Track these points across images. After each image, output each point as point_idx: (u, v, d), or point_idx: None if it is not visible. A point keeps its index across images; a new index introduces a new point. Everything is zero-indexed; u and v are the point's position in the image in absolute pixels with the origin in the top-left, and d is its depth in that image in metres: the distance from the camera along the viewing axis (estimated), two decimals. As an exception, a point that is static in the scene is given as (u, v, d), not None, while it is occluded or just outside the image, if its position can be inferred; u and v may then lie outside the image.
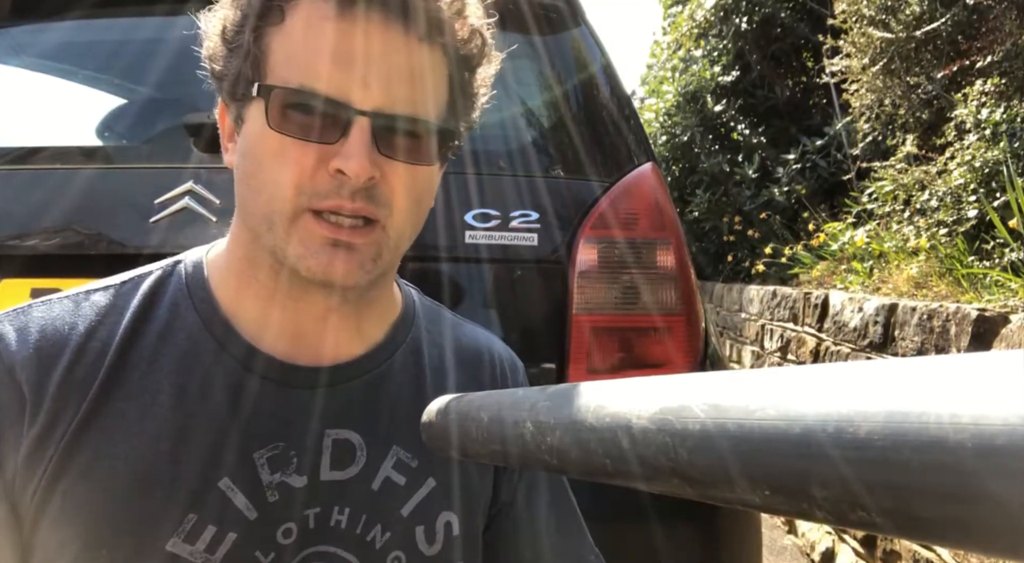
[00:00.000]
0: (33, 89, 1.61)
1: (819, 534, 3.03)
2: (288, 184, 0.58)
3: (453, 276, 1.28)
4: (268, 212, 0.60)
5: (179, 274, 0.68)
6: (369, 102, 0.58)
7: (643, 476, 0.36)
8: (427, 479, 0.69)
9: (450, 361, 0.76)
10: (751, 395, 0.30)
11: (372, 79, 0.57)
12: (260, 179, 0.60)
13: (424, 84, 0.61)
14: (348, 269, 0.60)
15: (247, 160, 0.62)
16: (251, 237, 0.64)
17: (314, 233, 0.59)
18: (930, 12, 3.60)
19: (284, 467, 0.63)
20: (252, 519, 0.61)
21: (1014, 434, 0.19)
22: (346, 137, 0.58)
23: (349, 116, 0.57)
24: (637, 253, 1.28)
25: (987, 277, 2.42)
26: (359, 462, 0.67)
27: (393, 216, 0.61)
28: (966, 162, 2.95)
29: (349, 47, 0.57)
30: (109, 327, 0.63)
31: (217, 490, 0.61)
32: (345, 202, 0.58)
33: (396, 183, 0.60)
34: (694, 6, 6.86)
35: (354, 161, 0.57)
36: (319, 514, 0.64)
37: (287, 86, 0.58)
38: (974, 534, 0.21)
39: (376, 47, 0.58)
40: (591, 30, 1.51)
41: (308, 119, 0.58)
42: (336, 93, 0.57)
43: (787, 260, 4.62)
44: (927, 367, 0.24)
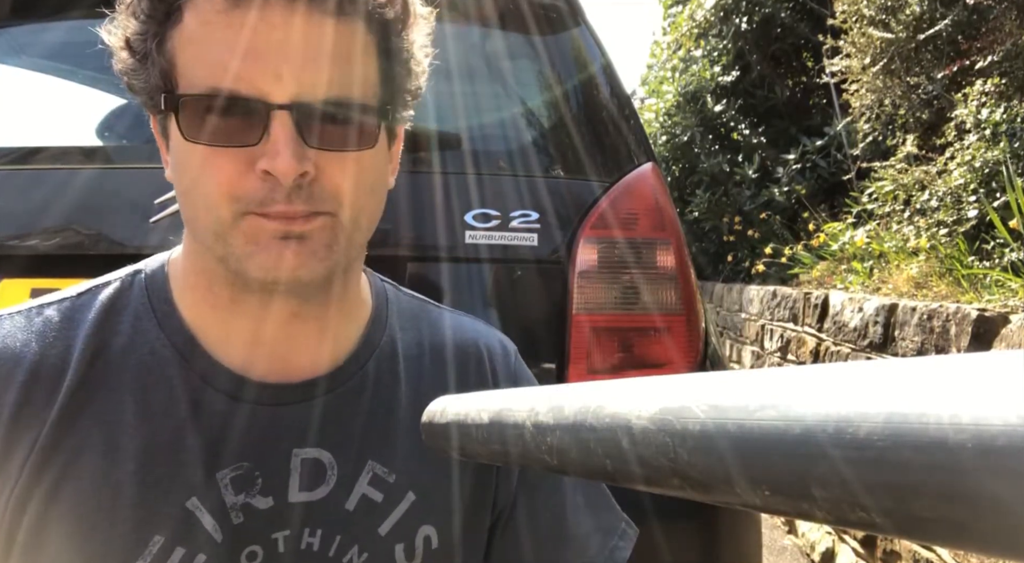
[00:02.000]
0: (33, 89, 1.61)
1: (819, 534, 3.03)
2: (220, 195, 0.55)
3: (453, 276, 1.28)
4: (209, 224, 0.56)
5: (139, 285, 0.65)
6: (285, 94, 0.53)
7: (643, 476, 0.36)
8: (406, 493, 0.66)
9: (430, 362, 0.72)
10: (751, 395, 0.30)
11: (283, 68, 0.53)
12: (194, 193, 0.57)
13: (344, 62, 0.56)
14: (300, 260, 0.56)
15: (179, 174, 0.58)
16: (201, 249, 0.61)
17: (261, 228, 0.55)
18: (930, 12, 3.60)
19: (248, 488, 0.61)
20: (220, 540, 0.59)
21: (1014, 434, 0.19)
22: (267, 135, 0.53)
23: (266, 112, 0.53)
24: (637, 253, 1.28)
25: (987, 277, 2.42)
26: (329, 482, 0.64)
27: (344, 207, 0.57)
28: (966, 162, 2.95)
29: (251, 37, 0.52)
30: (65, 343, 0.60)
31: (185, 510, 0.59)
32: (282, 206, 0.54)
33: (337, 174, 0.56)
34: (694, 6, 6.86)
35: (279, 160, 0.53)
36: (289, 537, 0.62)
37: (194, 93, 0.54)
38: (974, 534, 0.21)
39: (281, 32, 0.53)
40: (591, 30, 1.51)
41: (224, 123, 0.54)
42: (247, 90, 0.53)
43: (787, 260, 4.62)
44: (927, 367, 0.24)
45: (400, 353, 0.71)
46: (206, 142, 0.54)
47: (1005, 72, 3.22)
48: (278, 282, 0.57)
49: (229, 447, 0.61)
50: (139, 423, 0.59)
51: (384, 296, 0.74)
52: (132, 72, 0.58)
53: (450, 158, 1.31)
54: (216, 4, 0.53)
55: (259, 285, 0.59)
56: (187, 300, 0.64)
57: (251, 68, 0.53)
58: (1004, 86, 3.16)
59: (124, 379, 0.60)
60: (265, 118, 0.54)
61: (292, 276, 0.57)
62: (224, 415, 0.61)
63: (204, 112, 0.54)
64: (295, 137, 0.54)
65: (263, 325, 0.63)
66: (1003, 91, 3.15)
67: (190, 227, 0.61)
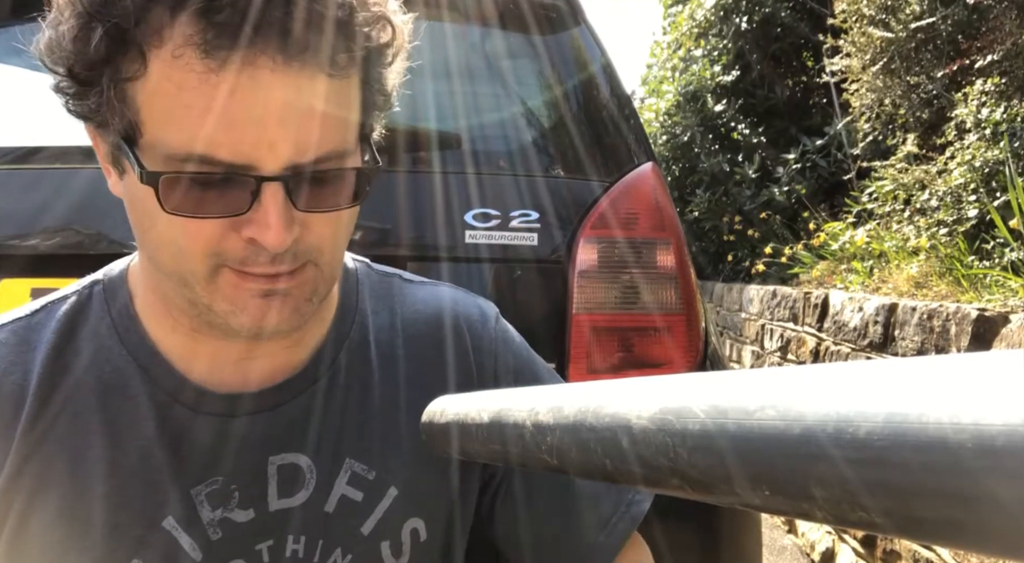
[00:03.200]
0: (33, 89, 1.61)
1: (819, 534, 3.03)
2: (196, 252, 0.51)
3: (453, 276, 1.28)
4: (177, 271, 0.53)
5: (98, 297, 0.61)
6: (279, 162, 0.49)
7: (643, 476, 0.36)
8: (388, 489, 0.64)
9: (404, 343, 0.69)
10: (751, 395, 0.30)
11: (276, 135, 0.48)
12: (162, 241, 0.52)
13: (336, 117, 0.52)
14: (283, 316, 0.54)
15: (139, 215, 0.54)
16: (161, 282, 0.57)
17: (240, 287, 0.52)
18: (930, 12, 3.60)
19: (225, 502, 0.59)
20: (199, 560, 0.58)
21: (1014, 435, 0.19)
22: (257, 204, 0.49)
23: (258, 184, 0.49)
24: (637, 253, 1.28)
25: (987, 277, 2.42)
26: (309, 486, 0.62)
27: (325, 256, 0.55)
28: (966, 162, 2.94)
29: (247, 103, 0.47)
30: (23, 368, 0.57)
31: (162, 531, 0.57)
32: (267, 268, 0.52)
33: (322, 231, 0.54)
34: (694, 6, 6.86)
35: (271, 233, 0.49)
36: (272, 547, 0.60)
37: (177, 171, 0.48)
38: (974, 534, 0.21)
39: (279, 96, 0.48)
40: (591, 30, 1.51)
41: (209, 194, 0.49)
42: (239, 159, 0.48)
43: (787, 260, 4.61)
44: (927, 367, 0.24)
45: (372, 339, 0.68)
46: (190, 214, 0.49)
47: (1005, 71, 3.22)
48: (260, 336, 0.55)
49: (201, 462, 0.59)
50: (106, 444, 0.57)
51: (355, 278, 0.70)
52: (76, 98, 0.51)
53: (450, 158, 1.31)
54: (191, 65, 0.46)
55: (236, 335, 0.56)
56: (148, 314, 0.61)
57: (242, 136, 0.48)
58: (1004, 86, 3.16)
59: (87, 400, 0.57)
60: (256, 188, 0.49)
61: (276, 330, 0.55)
62: (193, 429, 0.59)
63: (186, 184, 0.49)
64: (286, 206, 0.50)
65: (227, 348, 0.61)
66: (1003, 91, 3.15)
67: (151, 260, 0.56)
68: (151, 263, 0.57)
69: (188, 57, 0.46)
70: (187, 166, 0.48)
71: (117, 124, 0.50)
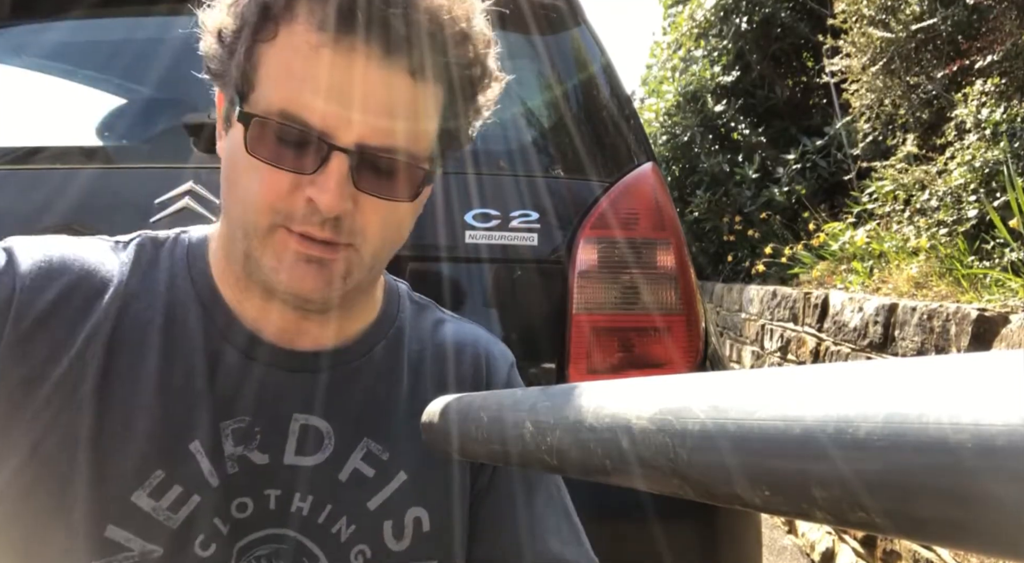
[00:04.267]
0: (33, 89, 1.61)
1: (819, 534, 3.03)
2: (263, 202, 0.58)
3: (453, 276, 1.28)
4: (244, 221, 0.61)
5: (182, 243, 0.70)
6: (351, 137, 0.57)
7: (643, 476, 0.36)
8: (398, 472, 0.69)
9: (430, 358, 0.75)
10: (751, 395, 0.30)
11: (357, 114, 0.56)
12: (237, 189, 0.61)
13: (412, 120, 0.59)
14: (317, 285, 0.61)
15: (228, 166, 0.62)
16: (229, 233, 0.65)
17: (287, 247, 0.60)
18: (930, 12, 3.60)
19: (247, 442, 0.64)
20: (215, 486, 0.62)
21: (1014, 435, 0.19)
22: (323, 170, 0.57)
23: (328, 150, 0.57)
24: (637, 253, 1.28)
25: (987, 277, 2.42)
26: (326, 450, 0.67)
27: (366, 242, 0.62)
28: (966, 162, 2.95)
29: (340, 80, 0.55)
30: (109, 273, 0.65)
31: (187, 451, 0.62)
32: (315, 229, 0.59)
33: (371, 215, 0.60)
34: (694, 6, 6.86)
35: (327, 196, 0.57)
36: (280, 496, 0.65)
37: (267, 116, 0.57)
38: (974, 534, 0.21)
39: (368, 82, 0.56)
40: (591, 30, 1.51)
41: (286, 148, 0.57)
42: (319, 125, 0.56)
43: (787, 260, 4.61)
44: (927, 367, 0.24)
45: (405, 346, 0.74)
46: (266, 160, 0.57)
47: (1005, 72, 3.22)
48: (296, 297, 0.62)
49: (235, 401, 0.65)
50: (161, 364, 0.63)
51: (396, 295, 0.78)
52: (214, 58, 0.62)
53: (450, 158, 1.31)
54: (311, 39, 0.55)
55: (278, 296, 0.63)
56: (217, 267, 0.69)
57: (327, 107, 0.55)
58: (1004, 86, 3.16)
59: (154, 320, 0.65)
60: (326, 154, 0.57)
61: (310, 297, 0.62)
62: (236, 370, 0.65)
63: (270, 132, 0.57)
64: (347, 178, 0.57)
65: (275, 312, 0.67)
66: (1003, 91, 3.15)
67: (227, 213, 0.65)
68: (226, 219, 0.65)
69: (306, 31, 0.55)
70: (276, 117, 0.56)
71: (236, 80, 0.59)
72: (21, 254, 0.63)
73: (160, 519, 0.60)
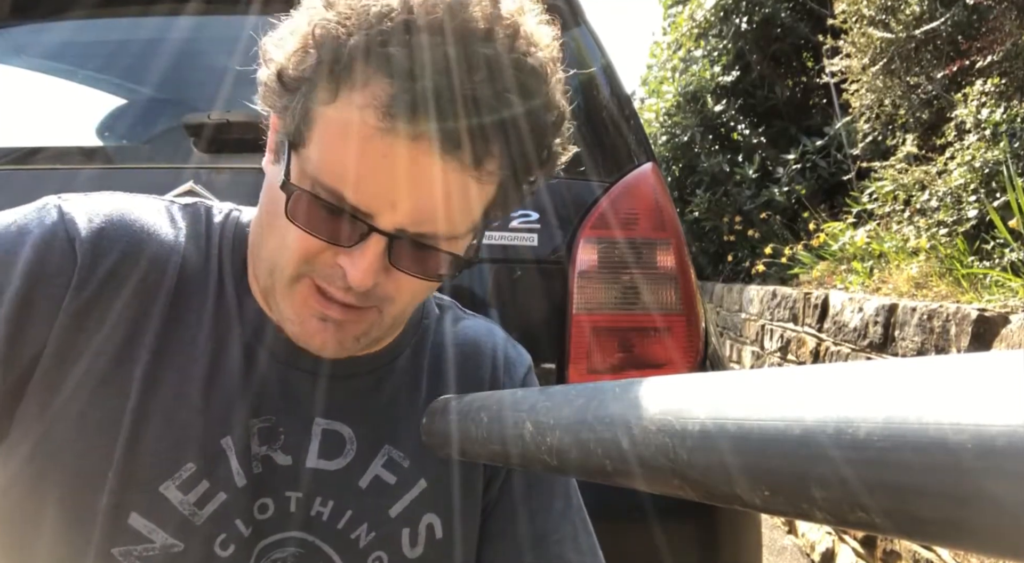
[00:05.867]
0: (33, 89, 1.61)
1: (819, 534, 3.03)
2: (295, 254, 0.58)
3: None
4: (272, 262, 0.60)
5: (230, 224, 0.69)
6: (394, 222, 0.55)
7: (643, 477, 0.36)
8: (418, 480, 0.69)
9: (449, 360, 0.75)
10: (751, 395, 0.30)
11: (403, 201, 0.54)
12: (275, 234, 0.59)
13: (462, 211, 0.57)
14: (326, 344, 0.60)
15: (269, 204, 0.61)
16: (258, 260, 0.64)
17: (308, 303, 0.59)
18: (930, 12, 3.60)
19: (272, 442, 0.64)
20: (241, 485, 0.62)
21: (1014, 435, 0.19)
22: (361, 246, 0.56)
23: (369, 231, 0.55)
24: (637, 253, 1.28)
25: (987, 277, 2.42)
26: (347, 456, 0.67)
27: (392, 306, 0.61)
28: (966, 162, 2.95)
29: (391, 167, 0.53)
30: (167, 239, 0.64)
31: (219, 447, 0.61)
32: (338, 292, 0.58)
33: (402, 286, 0.60)
34: (694, 6, 6.86)
35: (358, 273, 0.56)
36: (300, 500, 0.64)
37: (313, 191, 0.55)
38: (974, 535, 0.21)
39: (420, 174, 0.53)
40: (591, 30, 1.51)
41: (327, 219, 0.56)
42: (364, 207, 0.54)
43: (787, 260, 4.61)
44: (927, 368, 0.24)
45: (427, 352, 0.75)
46: (304, 228, 0.56)
47: (1005, 72, 3.22)
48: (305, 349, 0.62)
49: (264, 399, 0.64)
50: (208, 351, 0.63)
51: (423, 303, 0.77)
52: (272, 95, 0.58)
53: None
54: (367, 118, 0.52)
55: None
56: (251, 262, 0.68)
57: (375, 190, 0.54)
58: (1004, 86, 3.16)
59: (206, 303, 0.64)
60: (366, 234, 0.56)
61: (325, 354, 0.62)
62: (264, 369, 0.65)
63: (314, 204, 0.55)
64: (383, 257, 0.56)
65: None
66: (1003, 91, 3.15)
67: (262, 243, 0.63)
68: (258, 247, 0.64)
69: (369, 111, 0.52)
70: (322, 191, 0.55)
71: (291, 127, 0.57)
72: (78, 214, 0.60)
73: (186, 514, 0.59)
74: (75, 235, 0.59)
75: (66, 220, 0.60)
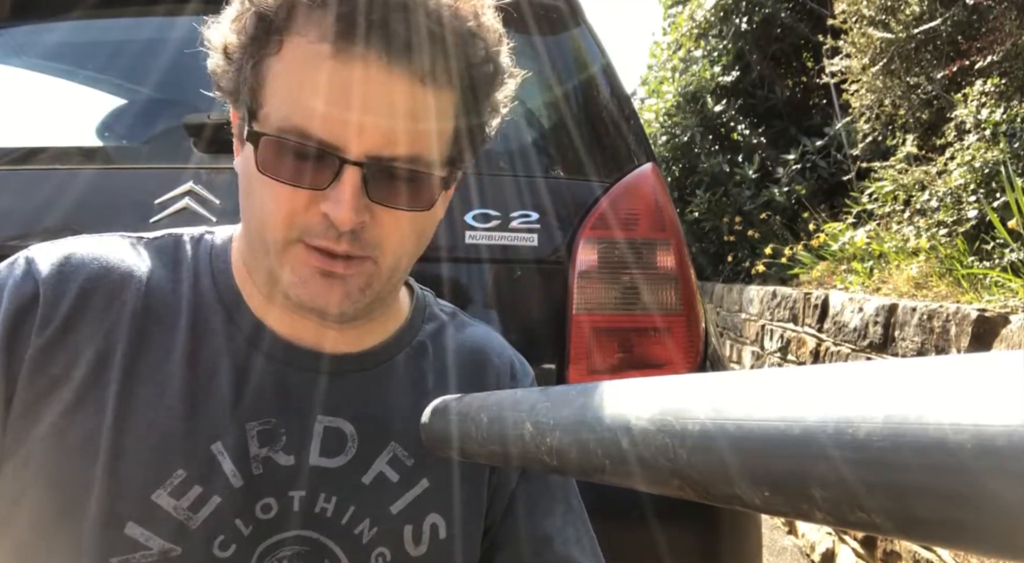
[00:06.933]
0: (33, 89, 1.61)
1: (819, 535, 3.03)
2: (279, 218, 0.59)
3: (453, 276, 1.28)
4: (262, 237, 0.61)
5: (206, 244, 0.70)
6: (362, 149, 0.56)
7: (643, 477, 0.36)
8: (421, 479, 0.69)
9: (454, 365, 0.76)
10: (751, 396, 0.30)
11: (367, 125, 0.55)
12: (255, 204, 0.61)
13: (424, 124, 0.58)
14: (336, 299, 0.61)
15: (244, 180, 0.62)
16: (249, 247, 0.65)
17: (306, 262, 0.60)
18: (930, 12, 3.60)
19: (273, 443, 0.64)
20: (237, 487, 0.62)
21: (1014, 435, 0.19)
22: (336, 183, 0.57)
23: (340, 164, 0.56)
24: (637, 253, 1.28)
25: (987, 277, 2.42)
26: (348, 453, 0.67)
27: (385, 254, 0.62)
28: (966, 162, 2.95)
29: (346, 91, 0.55)
30: (128, 271, 0.65)
31: (209, 453, 0.62)
32: (333, 243, 0.59)
33: (388, 227, 0.60)
34: (694, 6, 6.86)
35: (342, 210, 0.56)
36: (304, 498, 0.65)
37: (278, 134, 0.57)
38: (974, 535, 0.21)
39: (374, 90, 0.55)
40: (591, 30, 1.51)
41: (298, 164, 0.57)
42: (329, 138, 0.56)
43: (787, 260, 4.61)
44: (927, 368, 0.24)
45: (430, 353, 0.75)
46: (277, 178, 0.57)
47: (1005, 72, 3.22)
48: (316, 311, 0.63)
49: (261, 401, 0.65)
50: (185, 365, 0.63)
51: (424, 304, 0.79)
52: (223, 75, 0.61)
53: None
54: (320, 50, 0.54)
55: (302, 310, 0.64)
56: (238, 273, 0.69)
57: (337, 119, 0.55)
58: (1004, 86, 3.16)
59: (179, 323, 0.65)
60: (338, 168, 0.56)
61: (329, 311, 0.62)
62: (261, 373, 0.66)
63: (280, 149, 0.57)
64: (360, 191, 0.57)
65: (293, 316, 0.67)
66: (1003, 91, 3.15)
67: (246, 227, 0.65)
68: (245, 233, 0.65)
69: (307, 42, 0.55)
70: (287, 135, 0.56)
71: (246, 98, 0.59)
72: (41, 260, 0.63)
73: (180, 518, 0.60)
74: (39, 277, 0.62)
75: (32, 266, 0.63)
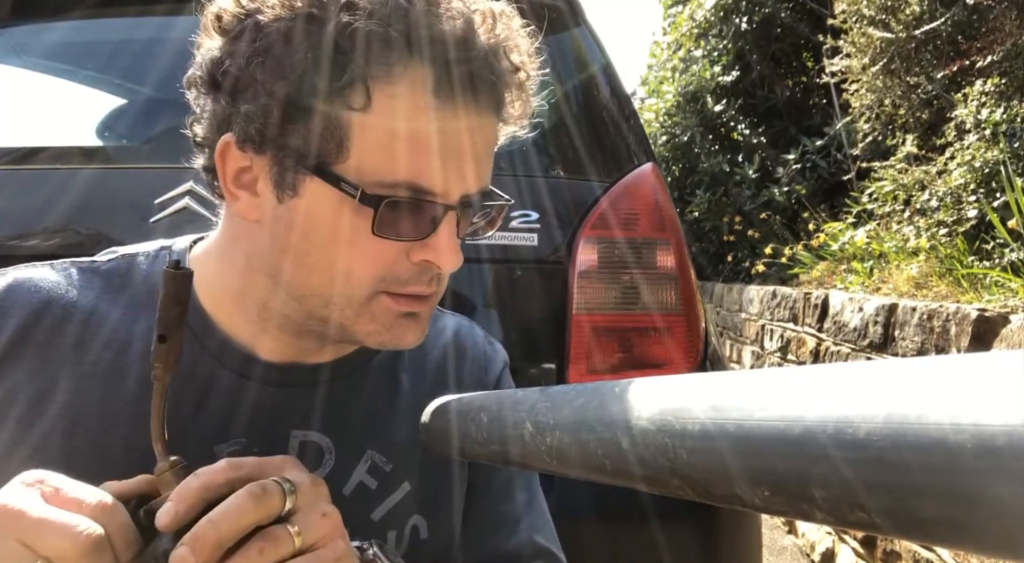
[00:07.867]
0: (33, 89, 1.61)
1: (819, 534, 3.03)
2: (367, 275, 0.57)
3: (453, 276, 1.28)
4: (331, 293, 0.58)
5: (163, 260, 0.67)
6: (458, 192, 0.56)
7: (643, 477, 0.36)
8: (402, 483, 0.68)
9: (429, 359, 0.75)
10: (751, 395, 0.30)
11: (468, 170, 0.56)
12: (325, 263, 0.57)
13: (492, 158, 0.61)
14: (415, 336, 0.61)
15: (303, 239, 0.57)
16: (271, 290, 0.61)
17: (391, 310, 0.59)
18: (930, 12, 3.60)
19: None
20: None
21: (1014, 435, 0.19)
22: (435, 231, 0.56)
23: (443, 212, 0.56)
24: (637, 253, 1.28)
25: (987, 277, 2.42)
26: (326, 465, 0.65)
27: (443, 283, 0.63)
28: (966, 162, 2.95)
29: (451, 142, 0.55)
30: (72, 300, 0.63)
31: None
32: (424, 288, 0.59)
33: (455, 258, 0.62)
34: (694, 6, 6.86)
35: (451, 256, 0.57)
36: None
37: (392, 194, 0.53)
38: (974, 534, 0.21)
39: (473, 137, 0.56)
40: (591, 30, 1.51)
41: (406, 219, 0.55)
42: (440, 190, 0.55)
43: (787, 260, 4.61)
44: (927, 367, 0.24)
45: (405, 352, 0.73)
46: (387, 237, 0.55)
47: (1005, 72, 3.22)
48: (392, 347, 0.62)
49: (231, 423, 0.63)
50: (141, 390, 0.60)
51: None
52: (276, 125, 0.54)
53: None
54: (423, 99, 0.53)
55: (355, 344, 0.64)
56: (204, 287, 0.65)
57: (447, 170, 0.55)
58: (1004, 86, 3.16)
59: (133, 346, 0.62)
60: (440, 216, 0.56)
61: (411, 345, 0.62)
62: (230, 392, 0.64)
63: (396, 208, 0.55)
64: (455, 233, 0.58)
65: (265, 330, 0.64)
66: (1003, 91, 3.15)
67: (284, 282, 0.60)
68: (273, 281, 0.60)
69: (413, 96, 0.53)
70: (396, 192, 0.54)
71: (302, 147, 0.54)
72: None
73: None
74: None
75: None
